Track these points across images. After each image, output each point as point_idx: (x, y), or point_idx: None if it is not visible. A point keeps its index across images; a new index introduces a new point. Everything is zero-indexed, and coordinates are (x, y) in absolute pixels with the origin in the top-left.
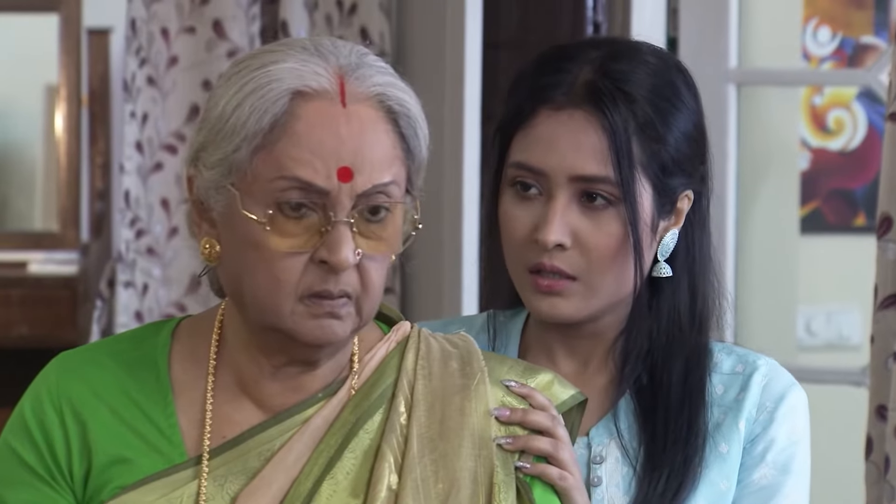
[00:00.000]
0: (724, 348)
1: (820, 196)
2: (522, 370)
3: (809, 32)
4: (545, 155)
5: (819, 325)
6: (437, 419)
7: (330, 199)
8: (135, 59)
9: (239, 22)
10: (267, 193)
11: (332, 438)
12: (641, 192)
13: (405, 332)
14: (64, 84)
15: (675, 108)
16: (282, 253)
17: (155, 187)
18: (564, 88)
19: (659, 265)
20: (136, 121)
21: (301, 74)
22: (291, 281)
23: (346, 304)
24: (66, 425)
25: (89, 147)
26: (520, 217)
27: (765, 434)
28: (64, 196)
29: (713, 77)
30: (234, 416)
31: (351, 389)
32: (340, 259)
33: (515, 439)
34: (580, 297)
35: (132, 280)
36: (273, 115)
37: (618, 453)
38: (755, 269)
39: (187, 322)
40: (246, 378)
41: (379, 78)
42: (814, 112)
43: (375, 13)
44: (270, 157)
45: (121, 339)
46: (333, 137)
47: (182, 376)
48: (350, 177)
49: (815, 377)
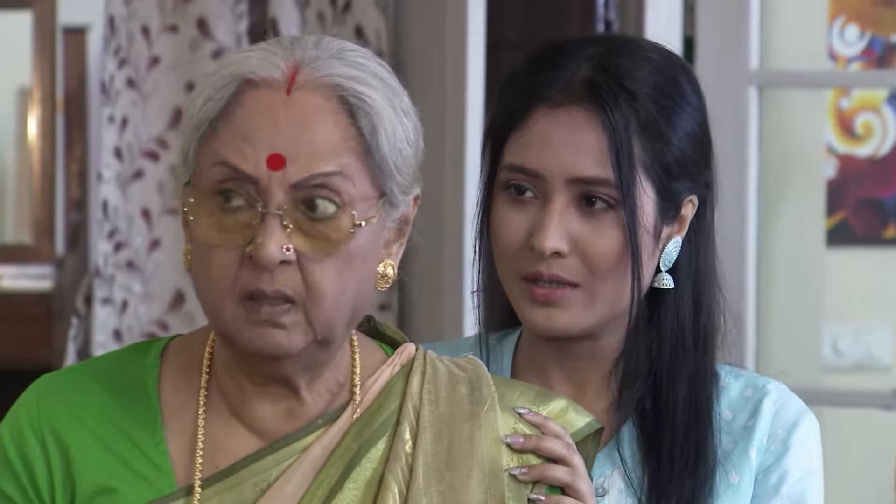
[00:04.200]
0: (731, 372)
1: (847, 206)
2: (535, 396)
3: (836, 31)
4: (541, 156)
5: (846, 344)
6: (444, 448)
7: (260, 189)
8: (113, 59)
9: (225, 20)
10: (208, 185)
11: (333, 468)
12: (643, 196)
13: (410, 354)
14: (38, 86)
15: (678, 107)
16: (217, 248)
17: (135, 197)
18: (561, 85)
19: (661, 275)
20: (114, 125)
21: (250, 64)
22: (227, 278)
23: (288, 312)
24: (49, 454)
25: (65, 154)
26: (514, 222)
27: (778, 465)
28: (37, 206)
29: (733, 79)
30: (227, 443)
31: (353, 416)
32: (262, 254)
33: (531, 469)
34: (579, 308)
35: (111, 296)
36: (218, 100)
37: (621, 484)
38: (778, 284)
39: (177, 342)
40: (234, 400)
41: (340, 70)
42: (841, 116)
43: (371, 10)
44: (210, 146)
45: (105, 361)
46: (269, 124)
47: (172, 400)
48: (281, 164)
49: (841, 400)
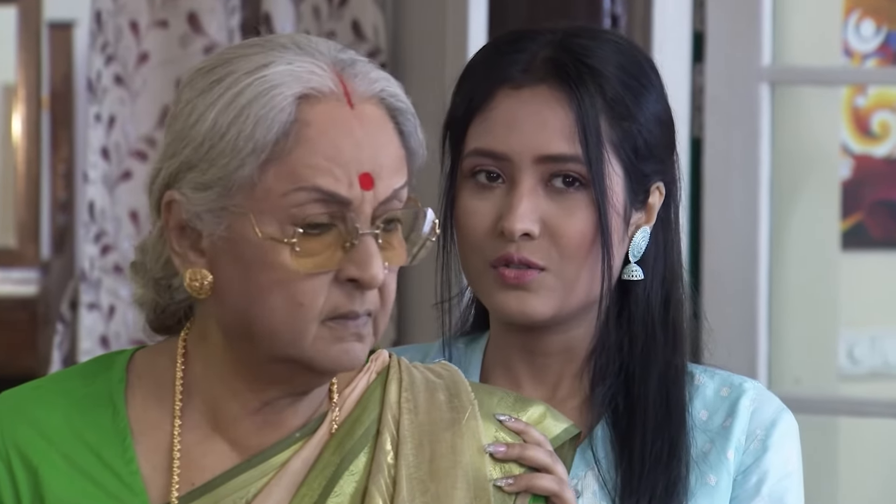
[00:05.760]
0: (706, 371)
1: (863, 208)
2: (513, 402)
3: (851, 26)
4: (507, 137)
5: (862, 351)
6: (426, 458)
7: (353, 210)
8: (101, 55)
9: (217, 15)
10: (281, 210)
11: (315, 482)
12: (612, 175)
13: (384, 361)
14: (22, 84)
15: (644, 88)
16: (303, 274)
17: (123, 198)
18: (523, 66)
19: (630, 267)
20: (101, 124)
21: (301, 76)
22: (315, 304)
23: (367, 324)
24: (15, 474)
25: (50, 154)
26: (480, 210)
27: (757, 465)
28: (22, 208)
29: (744, 75)
30: (203, 459)
31: (332, 427)
32: (373, 275)
33: (516, 479)
34: (551, 292)
35: (97, 301)
36: (281, 123)
37: (595, 486)
38: (791, 289)
39: (143, 353)
40: (222, 416)
41: (374, 73)
42: (856, 115)
43: (368, 5)
44: (283, 169)
45: (70, 375)
46: (350, 142)
47: (142, 416)
48: (372, 184)
49: (857, 409)
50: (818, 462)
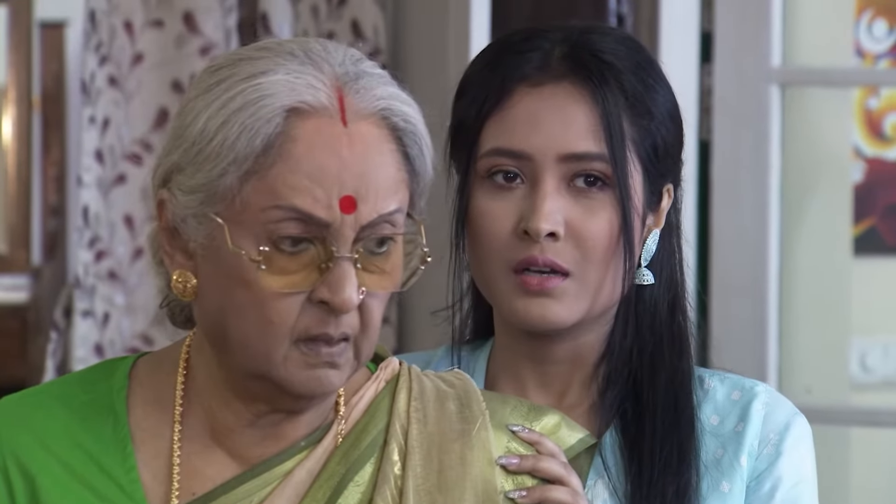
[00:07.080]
0: (716, 375)
1: (876, 212)
2: (527, 411)
3: (863, 26)
4: (528, 135)
5: (875, 359)
6: (434, 469)
7: (331, 232)
8: (94, 56)
9: (213, 14)
10: (258, 225)
11: (319, 492)
12: (634, 174)
13: (394, 369)
14: (13, 84)
15: (658, 85)
16: (275, 293)
17: (117, 202)
18: (539, 63)
19: (640, 271)
20: (95, 126)
21: (295, 88)
22: (286, 324)
23: (344, 350)
24: (12, 482)
25: (42, 157)
26: (498, 211)
27: (771, 471)
28: (13, 213)
29: (754, 77)
30: (204, 468)
31: (338, 437)
32: (344, 300)
33: (530, 492)
34: (572, 299)
35: (91, 308)
36: (266, 135)
37: (605, 494)
38: (802, 295)
39: (146, 360)
40: (220, 426)
41: (381, 90)
42: (868, 117)
43: (368, 4)
44: (263, 183)
45: (69, 382)
46: (335, 162)
47: (143, 423)
48: (353, 207)
49: (870, 419)
50: (830, 473)
